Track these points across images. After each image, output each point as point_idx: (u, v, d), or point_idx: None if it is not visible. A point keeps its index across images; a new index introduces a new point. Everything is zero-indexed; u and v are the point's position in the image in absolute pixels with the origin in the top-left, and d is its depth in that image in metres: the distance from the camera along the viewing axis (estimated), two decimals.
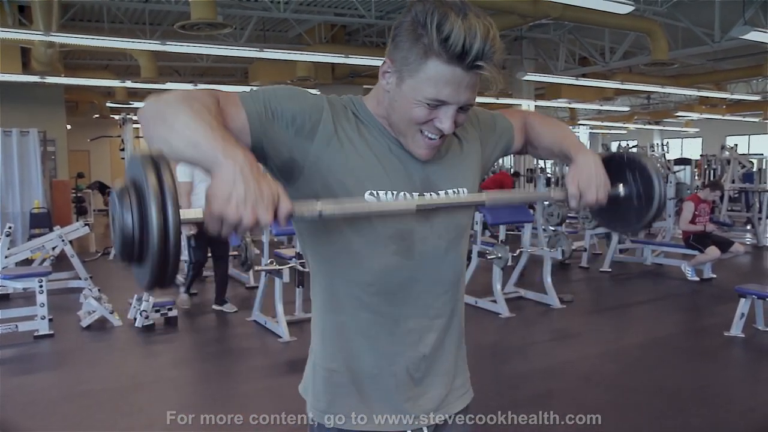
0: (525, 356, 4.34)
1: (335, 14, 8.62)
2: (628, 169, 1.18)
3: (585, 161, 1.14)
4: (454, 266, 1.13)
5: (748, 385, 3.78)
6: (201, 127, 0.82)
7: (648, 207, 1.16)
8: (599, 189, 1.11)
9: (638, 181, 1.17)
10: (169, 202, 0.73)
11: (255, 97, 0.97)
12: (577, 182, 1.12)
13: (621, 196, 1.18)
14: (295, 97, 1.00)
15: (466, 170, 1.14)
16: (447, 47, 0.92)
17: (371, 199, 1.00)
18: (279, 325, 4.47)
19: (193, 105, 0.85)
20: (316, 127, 1.00)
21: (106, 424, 3.13)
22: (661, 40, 8.24)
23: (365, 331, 1.07)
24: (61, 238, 5.92)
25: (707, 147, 19.30)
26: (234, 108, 0.94)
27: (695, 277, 6.37)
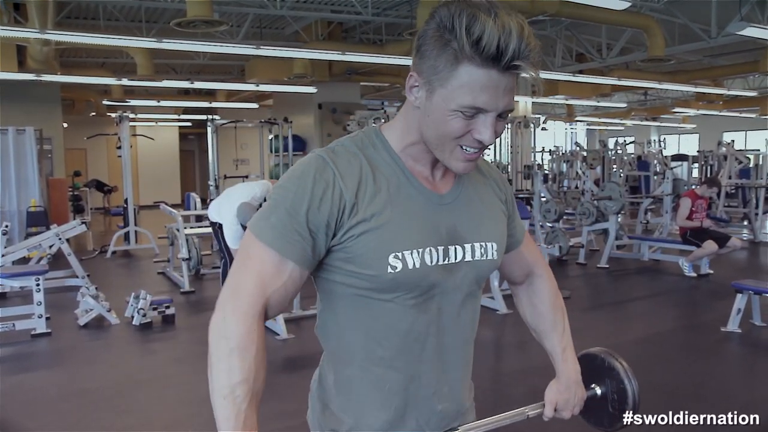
0: (522, 352, 4.35)
1: (332, 11, 8.60)
2: (607, 375, 1.20)
3: (567, 382, 1.18)
4: (471, 318, 1.09)
5: (745, 380, 3.79)
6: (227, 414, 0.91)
7: (620, 417, 1.19)
8: (575, 408, 1.18)
9: (615, 392, 1.20)
10: None
11: (287, 235, 0.92)
12: (554, 403, 1.17)
13: (597, 397, 1.21)
14: (315, 203, 0.93)
15: (495, 224, 1.09)
16: (480, 49, 0.85)
17: (396, 263, 0.95)
18: (277, 322, 4.47)
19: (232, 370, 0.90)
20: (344, 215, 0.94)
21: (103, 422, 3.13)
22: (658, 37, 8.23)
23: (378, 386, 1.02)
24: (58, 237, 5.91)
25: (704, 143, 19.33)
26: (280, 274, 0.93)
27: (692, 273, 6.38)
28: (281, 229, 0.92)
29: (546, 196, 7.42)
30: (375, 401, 1.03)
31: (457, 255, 1.02)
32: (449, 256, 1.01)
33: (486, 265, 1.06)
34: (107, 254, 8.36)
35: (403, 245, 0.95)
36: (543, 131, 13.08)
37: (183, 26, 6.29)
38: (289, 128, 10.17)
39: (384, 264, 0.94)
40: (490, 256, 1.06)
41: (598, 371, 1.21)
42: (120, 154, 8.83)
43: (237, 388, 0.89)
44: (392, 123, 1.03)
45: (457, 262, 1.02)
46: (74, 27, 8.46)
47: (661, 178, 8.76)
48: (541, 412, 1.16)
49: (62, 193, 9.76)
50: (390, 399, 1.03)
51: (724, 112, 17.99)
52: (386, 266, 0.95)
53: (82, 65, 11.49)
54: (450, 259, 1.01)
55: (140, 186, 15.82)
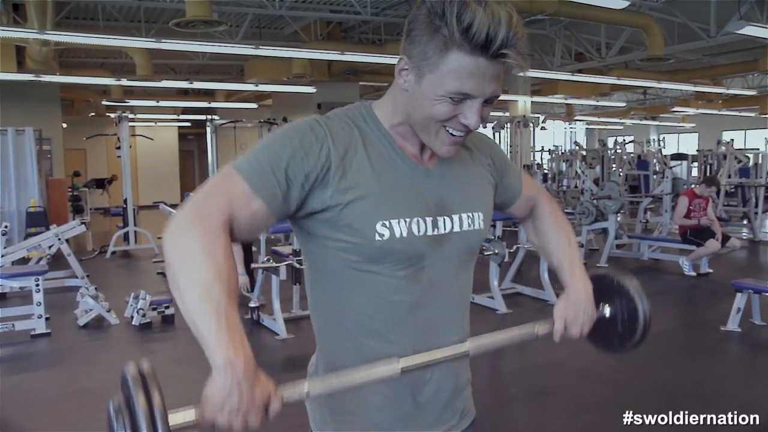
0: (522, 352, 4.35)
1: (331, 11, 8.60)
2: (617, 294, 1.18)
3: (576, 296, 1.14)
4: (463, 291, 1.10)
5: (745, 379, 3.79)
6: (207, 314, 0.81)
7: (631, 336, 1.17)
8: (584, 325, 1.13)
9: (625, 312, 1.17)
10: (159, 424, 0.77)
11: (263, 175, 0.92)
12: (564, 318, 1.12)
13: (606, 317, 1.18)
14: (301, 152, 0.94)
15: (482, 194, 1.11)
16: (469, 37, 0.87)
17: (384, 231, 0.96)
18: (276, 322, 4.47)
19: (202, 270, 0.83)
20: (328, 172, 0.95)
21: (103, 422, 3.11)
22: (657, 36, 8.24)
23: (369, 359, 1.01)
24: (57, 237, 5.91)
25: (703, 142, 19.34)
26: (249, 205, 0.91)
27: (692, 272, 6.38)
28: (259, 167, 0.92)
29: None
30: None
31: (446, 226, 1.04)
32: (438, 227, 1.02)
33: (474, 235, 1.08)
34: (107, 254, 8.36)
35: (390, 214, 0.97)
36: (542, 131, 13.08)
37: (182, 26, 6.29)
38: None
39: (372, 232, 0.96)
40: (477, 226, 1.08)
41: (607, 291, 1.19)
42: (119, 155, 8.82)
43: (212, 286, 0.83)
44: (381, 101, 1.05)
45: (446, 233, 1.04)
46: (73, 27, 8.46)
47: (661, 177, 8.77)
48: (551, 329, 1.13)
49: (62, 194, 9.76)
50: None
51: (723, 111, 18.00)
52: (374, 234, 0.96)
53: (81, 65, 11.49)
54: (439, 230, 1.02)
55: (139, 186, 15.81)
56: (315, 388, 0.89)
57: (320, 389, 0.90)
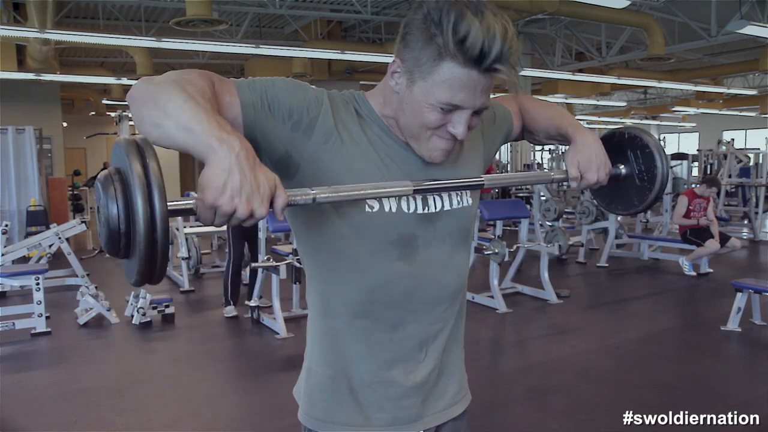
0: (522, 351, 4.35)
1: (331, 10, 8.60)
2: (630, 147, 1.14)
3: (584, 141, 1.11)
4: (458, 272, 1.09)
5: (745, 379, 3.79)
6: (195, 111, 0.77)
7: (650, 186, 1.13)
8: (600, 169, 1.09)
9: (640, 160, 1.13)
10: (155, 191, 0.69)
11: (252, 87, 0.92)
12: (577, 163, 1.10)
13: (622, 175, 1.14)
14: (295, 89, 0.95)
15: (469, 169, 1.10)
16: (464, 49, 0.87)
17: (373, 202, 0.97)
18: (276, 321, 4.47)
19: (186, 88, 0.80)
20: (315, 122, 0.95)
21: (103, 421, 3.13)
22: (658, 35, 8.24)
23: (363, 338, 1.03)
24: (57, 236, 5.91)
25: (704, 142, 19.34)
26: (228, 96, 0.89)
27: (692, 272, 6.37)
28: (249, 82, 0.93)
29: (546, 194, 7.43)
30: (361, 353, 1.04)
31: (436, 204, 1.04)
32: (428, 205, 1.03)
33: (464, 212, 1.08)
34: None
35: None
36: None
37: (182, 25, 6.29)
38: None
39: (362, 203, 0.96)
40: (465, 203, 1.08)
41: (620, 147, 1.15)
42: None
43: (195, 96, 0.80)
44: (373, 92, 1.06)
45: (437, 212, 1.04)
46: (74, 26, 8.46)
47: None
48: (566, 175, 1.10)
49: (62, 193, 9.76)
50: (375, 350, 1.04)
51: (724, 111, 17.99)
52: (364, 204, 0.97)
53: (81, 64, 11.48)
54: (429, 208, 1.03)
55: None
56: (323, 193, 0.84)
57: (328, 195, 0.84)
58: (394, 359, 1.05)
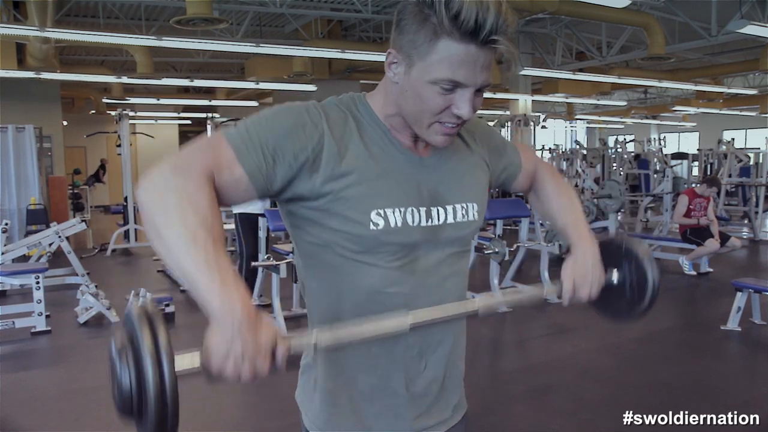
0: (522, 351, 4.35)
1: (331, 9, 8.60)
2: (625, 258, 1.16)
3: (583, 256, 1.12)
4: (458, 282, 1.09)
5: (745, 378, 3.79)
6: (196, 260, 0.78)
7: (640, 300, 1.14)
8: (593, 286, 1.11)
9: (633, 273, 1.15)
10: (164, 361, 0.74)
11: (251, 146, 0.90)
12: (572, 279, 1.10)
13: (614, 284, 1.16)
14: (294, 130, 0.92)
15: (476, 184, 1.10)
16: (458, 23, 0.86)
17: (378, 220, 0.95)
18: (276, 320, 4.47)
19: (187, 218, 0.80)
20: (320, 156, 0.93)
21: (103, 420, 3.13)
22: (658, 35, 8.23)
23: (363, 349, 1.03)
24: (57, 235, 5.91)
25: (704, 141, 19.33)
26: (231, 171, 0.89)
27: (692, 272, 6.37)
28: (247, 137, 0.90)
29: None
30: (361, 364, 1.04)
31: (439, 217, 1.03)
32: (432, 217, 1.02)
33: (468, 226, 1.07)
34: (107, 252, 8.36)
35: (385, 203, 0.96)
36: (543, 129, 13.07)
37: (183, 24, 6.28)
38: None
39: (366, 220, 0.95)
40: (471, 218, 1.07)
41: (615, 256, 1.17)
42: (120, 152, 8.82)
43: (197, 232, 0.80)
44: (374, 93, 1.05)
45: (440, 224, 1.03)
46: (74, 25, 8.46)
47: (661, 176, 8.76)
48: (560, 291, 1.11)
49: (62, 191, 9.76)
50: (376, 361, 1.04)
51: (724, 111, 17.99)
52: (369, 222, 0.95)
53: (81, 63, 11.48)
54: (433, 220, 1.02)
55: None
56: (323, 338, 0.85)
57: (328, 340, 0.86)
58: (393, 370, 1.05)
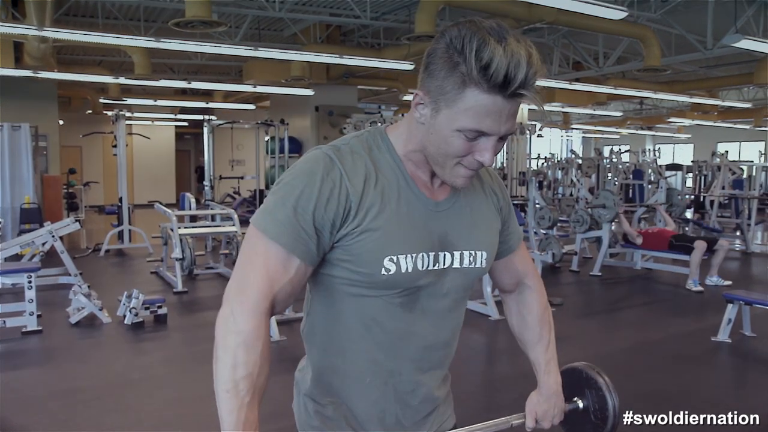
0: (514, 359, 4.36)
1: (330, 14, 8.61)
2: (587, 386, 1.25)
3: (547, 391, 1.22)
4: (455, 323, 1.13)
5: (735, 390, 3.81)
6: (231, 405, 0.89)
7: (603, 426, 1.22)
8: (555, 417, 1.23)
9: (595, 399, 1.24)
10: None
11: (293, 231, 0.93)
12: (534, 413, 1.22)
13: (579, 409, 1.26)
14: (324, 199, 0.94)
15: (487, 231, 1.11)
16: (488, 76, 0.86)
17: (390, 266, 0.97)
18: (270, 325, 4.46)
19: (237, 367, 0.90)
20: (349, 214, 0.96)
21: (93, 421, 3.12)
22: (654, 47, 8.29)
23: (359, 378, 1.07)
24: (51, 234, 5.89)
25: (699, 153, 19.45)
26: (287, 270, 0.94)
27: (699, 288, 6.23)
28: (288, 225, 0.93)
29: (540, 203, 7.45)
30: (354, 391, 1.07)
31: (445, 261, 1.05)
32: (438, 261, 1.04)
33: (474, 272, 1.09)
34: (100, 253, 8.34)
35: (398, 250, 0.98)
36: (539, 138, 13.13)
37: (181, 26, 6.29)
38: (286, 130, 10.18)
39: (379, 266, 0.97)
40: (478, 264, 1.09)
41: (580, 384, 1.26)
42: (116, 153, 8.81)
43: (240, 382, 0.90)
44: (397, 127, 1.05)
45: (445, 268, 1.05)
46: (72, 25, 8.44)
47: (656, 187, 8.80)
48: (523, 422, 1.22)
49: (56, 191, 9.73)
50: (368, 391, 1.07)
51: (718, 123, 18.10)
52: (381, 268, 0.98)
53: (79, 63, 11.46)
54: (439, 264, 1.04)
55: (135, 185, 15.78)
56: None
57: None
58: (386, 402, 1.08)
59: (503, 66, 0.86)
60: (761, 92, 14.99)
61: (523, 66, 0.86)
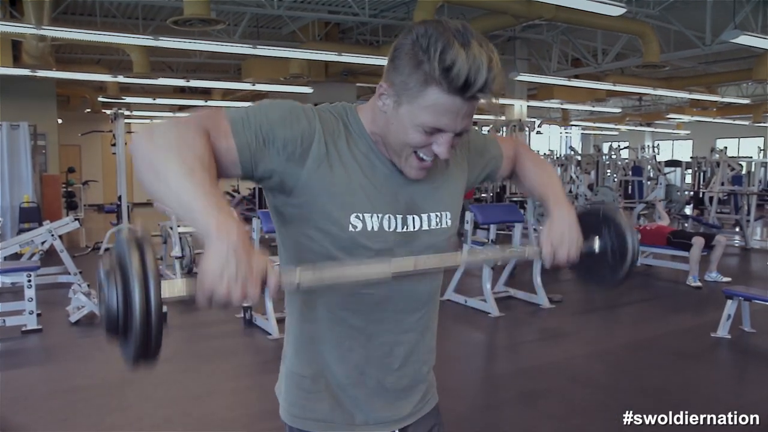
0: (513, 355, 4.37)
1: (329, 12, 8.61)
2: (603, 224, 1.21)
3: (560, 218, 1.16)
4: (430, 286, 1.16)
5: (734, 386, 3.82)
6: (194, 190, 0.82)
7: (621, 263, 1.19)
8: (571, 248, 1.14)
9: (612, 237, 1.19)
10: (151, 284, 0.77)
11: (246, 124, 0.95)
12: (550, 241, 1.14)
13: (595, 251, 1.21)
14: (288, 120, 0.98)
15: (451, 194, 1.15)
16: (449, 78, 0.91)
17: (357, 222, 1.01)
18: (269, 321, 4.47)
19: (185, 156, 0.84)
20: (308, 151, 0.99)
21: (93, 420, 3.12)
22: (653, 43, 8.28)
23: (338, 343, 1.10)
24: (50, 233, 5.89)
25: (698, 149, 19.44)
26: (224, 141, 0.93)
27: (698, 283, 6.25)
28: (245, 116, 0.95)
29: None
30: (334, 357, 1.10)
31: (414, 224, 1.09)
32: (407, 224, 1.08)
33: (442, 233, 1.13)
34: (100, 251, 8.33)
35: (364, 208, 1.02)
36: (538, 135, 13.12)
37: (180, 24, 6.28)
38: None
39: (346, 222, 1.01)
40: (444, 225, 1.13)
41: (595, 225, 1.21)
42: (115, 152, 8.79)
43: (194, 168, 0.83)
44: (365, 107, 1.09)
45: (416, 231, 1.09)
46: (70, 23, 8.42)
47: (655, 183, 8.81)
48: (539, 251, 1.15)
49: (56, 190, 9.71)
50: (348, 356, 1.10)
51: (717, 119, 18.10)
52: (347, 225, 1.01)
53: (77, 61, 11.44)
54: (408, 227, 1.08)
55: (134, 184, 15.75)
56: (306, 278, 0.88)
57: (311, 280, 0.89)
58: (366, 365, 1.12)
59: (465, 70, 0.90)
60: (760, 88, 14.98)
61: (483, 71, 0.91)
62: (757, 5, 7.60)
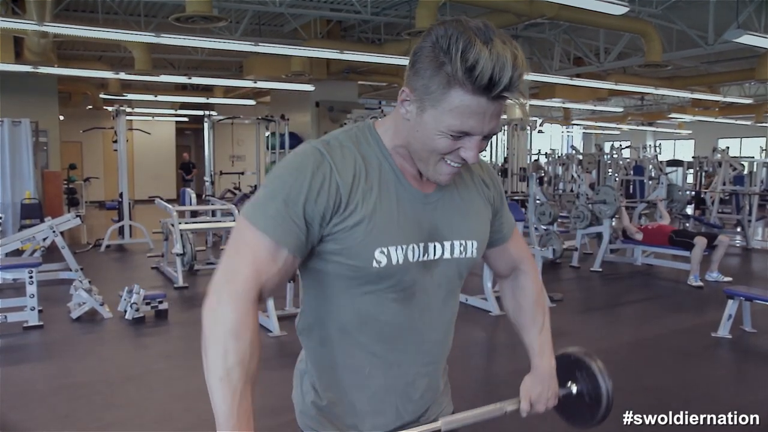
0: (514, 354, 4.36)
1: (331, 9, 8.60)
2: (578, 369, 1.25)
3: (541, 373, 1.22)
4: (450, 313, 1.14)
5: (735, 385, 3.82)
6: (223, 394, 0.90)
7: (598, 406, 1.22)
8: (549, 401, 1.22)
9: (587, 381, 1.24)
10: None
11: (283, 223, 0.93)
12: (529, 397, 1.21)
13: (573, 394, 1.26)
14: (314, 192, 0.95)
15: (477, 221, 1.12)
16: (473, 78, 0.87)
17: (381, 258, 0.98)
18: (270, 319, 4.48)
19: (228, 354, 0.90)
20: (339, 207, 0.97)
21: (93, 416, 3.13)
22: (655, 42, 8.27)
23: (359, 370, 1.07)
24: (51, 229, 5.90)
25: (699, 149, 19.41)
26: (275, 260, 0.94)
27: (699, 282, 6.24)
28: (278, 217, 0.94)
29: (541, 198, 7.45)
30: (354, 384, 1.08)
31: (435, 252, 1.06)
32: (428, 252, 1.05)
33: (465, 262, 1.10)
34: (101, 248, 8.34)
35: (389, 241, 0.99)
36: (539, 134, 13.12)
37: (182, 21, 6.28)
38: (286, 126, 10.17)
39: (370, 258, 0.98)
40: (469, 254, 1.10)
41: (572, 368, 1.26)
42: (116, 148, 8.81)
43: (233, 370, 0.90)
44: (385, 121, 1.06)
45: (436, 259, 1.06)
46: (72, 20, 8.43)
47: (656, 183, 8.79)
48: (518, 407, 1.20)
49: (57, 186, 9.72)
50: (368, 383, 1.07)
51: (719, 119, 18.08)
52: (372, 260, 0.98)
53: (79, 58, 11.45)
54: (429, 255, 1.05)
55: (135, 180, 15.77)
56: None
57: None
58: (387, 392, 1.09)
59: (488, 68, 0.86)
60: (762, 88, 14.96)
61: (508, 68, 0.87)
62: (760, 5, 7.59)
